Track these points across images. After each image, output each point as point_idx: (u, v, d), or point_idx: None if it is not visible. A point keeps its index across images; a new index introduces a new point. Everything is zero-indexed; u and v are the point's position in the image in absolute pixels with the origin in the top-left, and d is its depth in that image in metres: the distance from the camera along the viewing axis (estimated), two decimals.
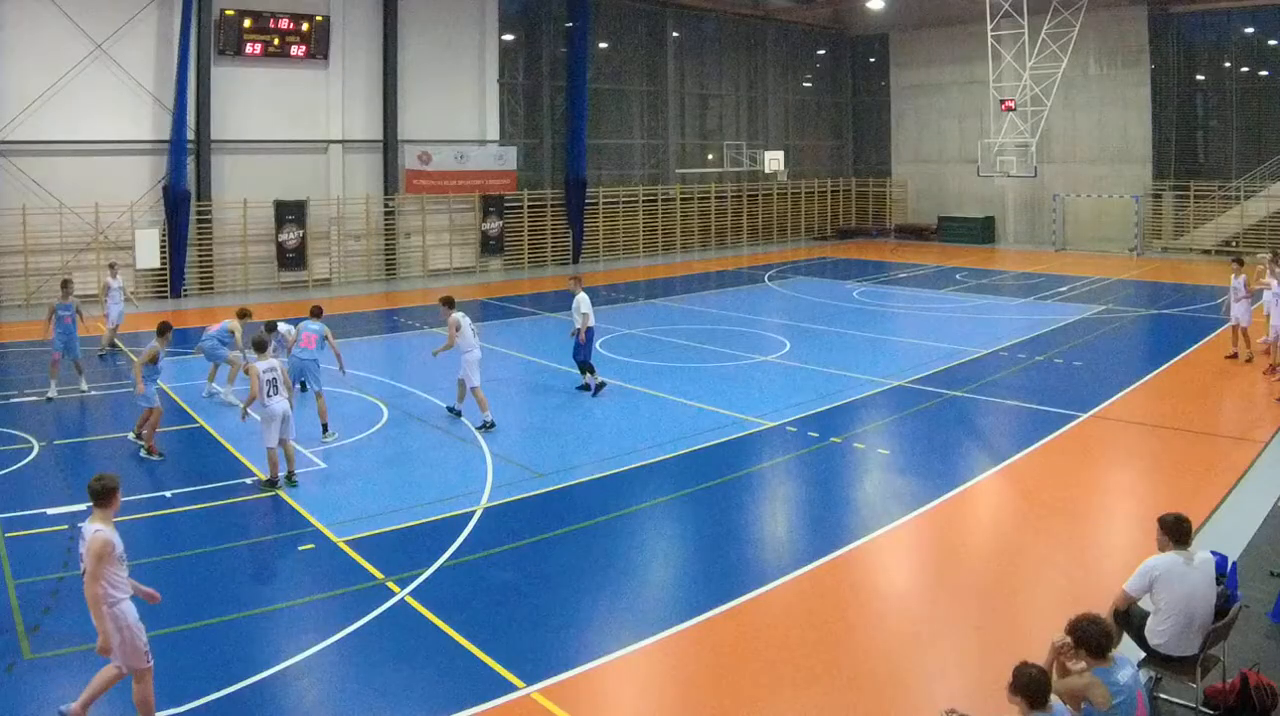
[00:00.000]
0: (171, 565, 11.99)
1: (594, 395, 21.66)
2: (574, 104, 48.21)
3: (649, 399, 21.60)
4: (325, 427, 18.88)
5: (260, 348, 16.29)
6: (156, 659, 9.13)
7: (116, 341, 27.25)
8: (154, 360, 17.69)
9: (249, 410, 16.18)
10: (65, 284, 23.79)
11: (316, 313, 20.77)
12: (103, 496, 9.09)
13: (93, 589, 8.70)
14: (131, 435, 18.37)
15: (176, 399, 21.22)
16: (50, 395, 21.61)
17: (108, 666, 8.98)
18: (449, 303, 20.45)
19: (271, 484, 15.68)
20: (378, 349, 27.88)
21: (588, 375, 22.13)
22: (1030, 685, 6.93)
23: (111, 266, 29.40)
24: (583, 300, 21.95)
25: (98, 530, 8.81)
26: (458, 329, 19.59)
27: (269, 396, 15.52)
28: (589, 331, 21.90)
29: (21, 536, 13.45)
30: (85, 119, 35.53)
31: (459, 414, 20.08)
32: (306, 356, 19.65)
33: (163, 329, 18.24)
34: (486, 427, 19.20)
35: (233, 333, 21.75)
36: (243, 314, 22.08)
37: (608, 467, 16.78)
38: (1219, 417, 20.87)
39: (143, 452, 17.59)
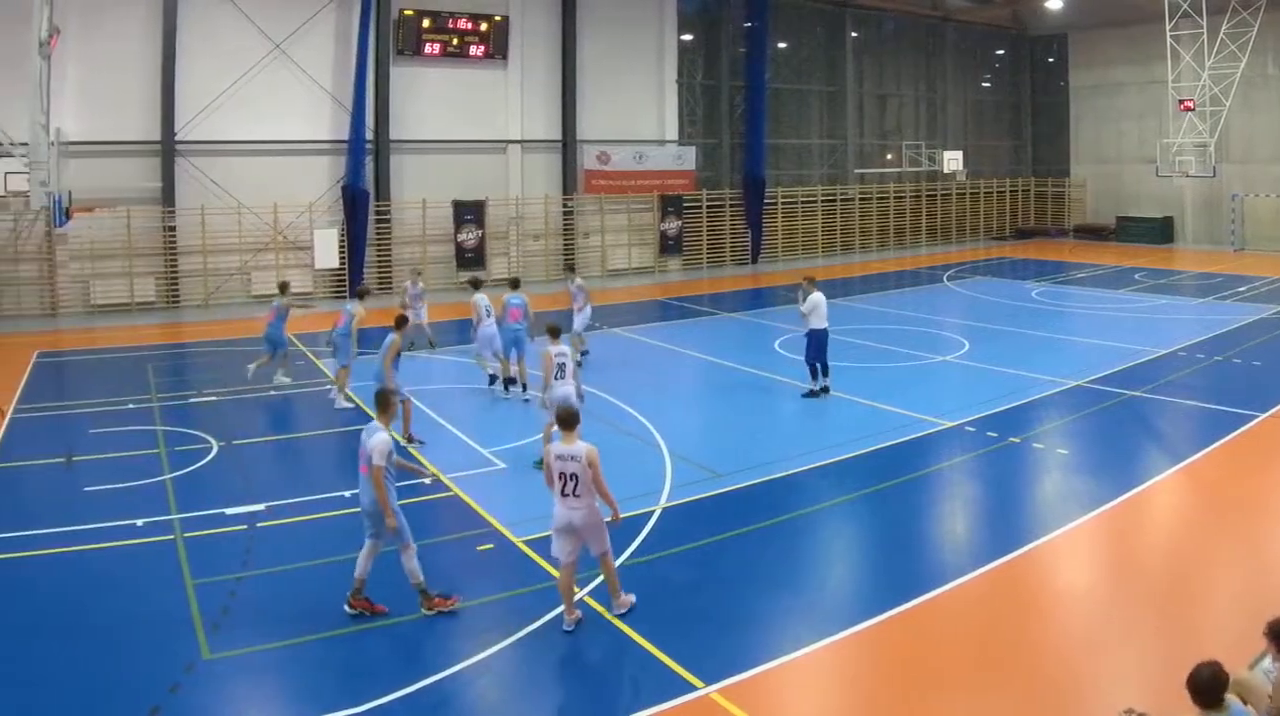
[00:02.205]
0: (351, 565, 10.72)
1: (810, 396, 19.45)
2: (753, 104, 42.57)
3: (828, 398, 19.48)
4: (525, 386, 19.17)
5: (555, 334, 15.15)
6: (336, 660, 9.33)
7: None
8: (398, 353, 16.30)
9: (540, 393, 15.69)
10: (283, 286, 21.61)
11: (515, 284, 20.28)
12: (575, 421, 10.04)
13: (603, 487, 9.84)
14: (402, 438, 16.30)
15: (357, 400, 19.01)
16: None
17: (605, 557, 10.10)
18: (475, 284, 21.12)
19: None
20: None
21: (815, 379, 19.65)
22: (1206, 684, 6.18)
23: (417, 273, 26.58)
24: (808, 301, 19.39)
25: (590, 446, 9.84)
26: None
27: (556, 379, 14.61)
28: (809, 333, 19.38)
29: (200, 536, 12.45)
30: (263, 119, 31.57)
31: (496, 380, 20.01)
32: (520, 327, 19.11)
33: (400, 322, 16.72)
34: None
35: (354, 315, 19.02)
36: (361, 294, 20.20)
37: (786, 468, 15.16)
38: None
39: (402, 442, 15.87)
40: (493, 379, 20.05)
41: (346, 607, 10.28)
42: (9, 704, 8.69)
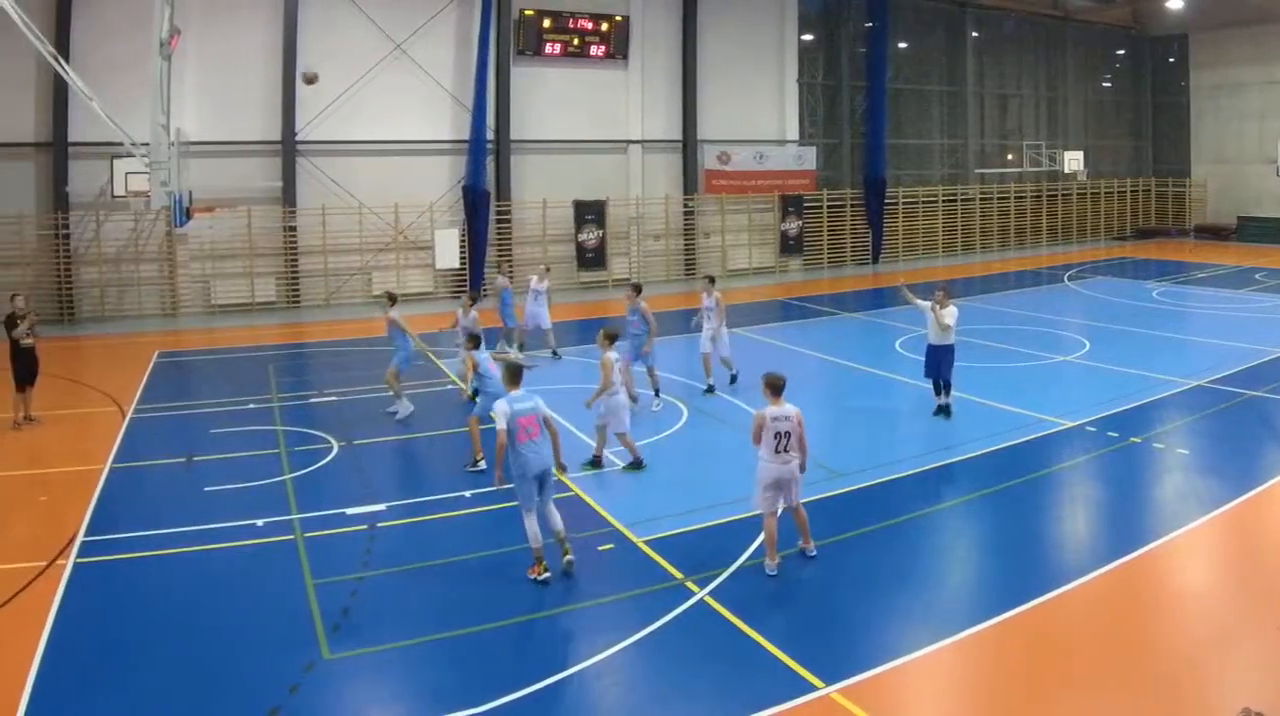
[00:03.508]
0: (471, 565, 10.42)
1: (945, 416, 16.10)
2: (873, 104, 37.83)
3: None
4: (656, 391, 16.92)
5: (612, 339, 13.84)
6: (457, 660, 8.59)
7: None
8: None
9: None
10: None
11: (637, 289, 17.37)
12: (783, 386, 10.14)
13: (805, 442, 10.16)
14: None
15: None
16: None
17: (801, 506, 10.30)
18: (474, 298, 18.02)
19: (636, 464, 13.57)
20: (678, 348, 21.53)
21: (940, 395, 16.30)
22: None
23: (546, 269, 22.56)
24: (951, 313, 16.07)
25: (797, 408, 10.04)
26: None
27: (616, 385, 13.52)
28: (944, 347, 16.00)
29: (321, 536, 11.33)
30: (384, 119, 28.21)
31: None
32: (636, 334, 16.93)
33: (474, 341, 14.38)
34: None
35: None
36: (393, 299, 16.95)
37: (907, 468, 13.64)
38: None
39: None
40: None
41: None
42: (132, 704, 7.92)
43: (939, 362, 15.85)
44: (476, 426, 13.55)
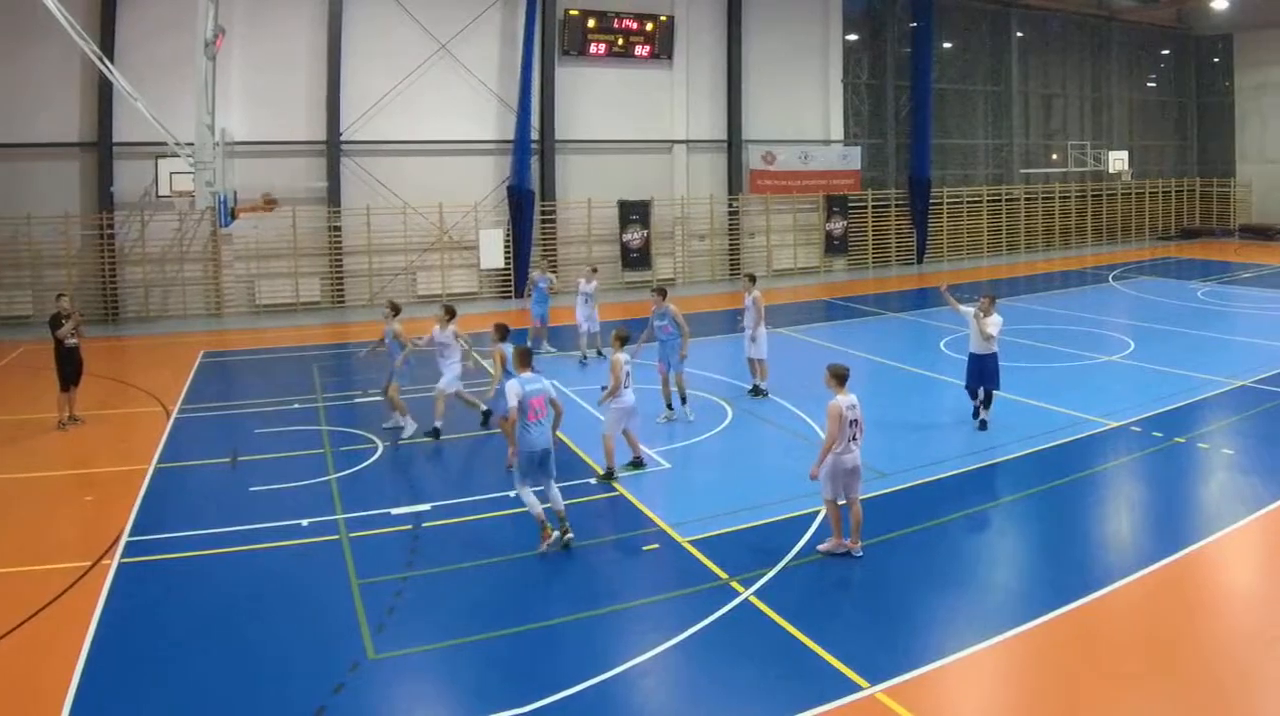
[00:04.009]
0: (516, 564, 10.21)
1: (981, 428, 15.07)
2: (918, 104, 36.87)
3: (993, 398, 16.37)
4: (684, 399, 15.76)
5: (623, 341, 13.29)
6: (501, 660, 8.34)
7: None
8: (504, 360, 13.89)
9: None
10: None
11: (663, 293, 16.02)
12: (847, 376, 10.18)
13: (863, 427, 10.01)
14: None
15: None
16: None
17: (858, 500, 10.18)
18: (450, 312, 15.31)
19: (609, 475, 12.73)
20: (723, 348, 21.17)
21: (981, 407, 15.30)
22: None
23: (593, 270, 21.54)
24: (996, 323, 15.02)
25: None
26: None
27: (625, 387, 12.81)
28: (987, 356, 15.03)
29: (366, 536, 11.08)
30: (428, 119, 27.59)
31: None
32: (668, 338, 15.69)
33: (501, 331, 13.87)
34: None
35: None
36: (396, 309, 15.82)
37: (951, 467, 13.31)
38: None
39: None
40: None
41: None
42: (176, 703, 7.78)
43: (980, 372, 14.96)
44: (506, 425, 12.78)
